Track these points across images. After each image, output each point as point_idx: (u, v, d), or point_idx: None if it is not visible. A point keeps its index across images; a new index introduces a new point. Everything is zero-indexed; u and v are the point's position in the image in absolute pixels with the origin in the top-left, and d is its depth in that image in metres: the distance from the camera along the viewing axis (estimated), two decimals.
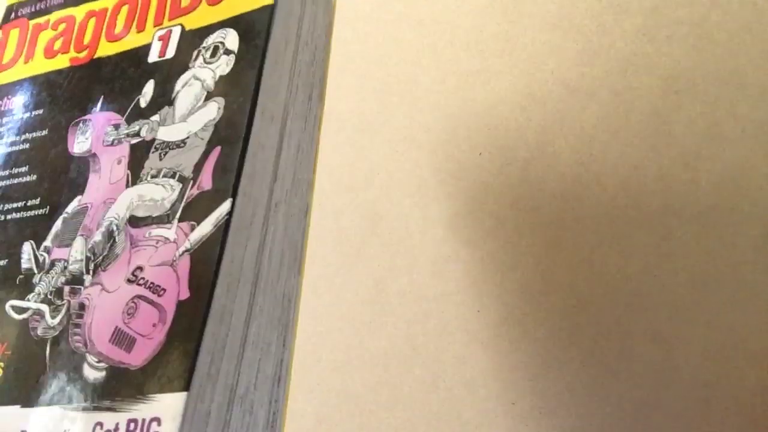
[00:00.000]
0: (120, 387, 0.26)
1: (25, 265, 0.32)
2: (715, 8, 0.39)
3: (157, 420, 0.25)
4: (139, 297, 0.28)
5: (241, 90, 0.30)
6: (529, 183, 0.41)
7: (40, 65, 0.38)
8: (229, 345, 0.26)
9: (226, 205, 0.28)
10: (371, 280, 0.45)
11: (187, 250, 0.28)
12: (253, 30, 0.31)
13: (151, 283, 0.28)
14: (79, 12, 0.38)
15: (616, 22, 0.41)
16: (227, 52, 0.32)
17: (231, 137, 0.29)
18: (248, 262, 0.28)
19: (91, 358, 0.28)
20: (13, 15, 0.41)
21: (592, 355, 0.37)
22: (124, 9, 0.36)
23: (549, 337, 0.38)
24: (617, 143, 0.39)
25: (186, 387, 0.25)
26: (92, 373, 0.27)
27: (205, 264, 0.27)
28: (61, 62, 0.37)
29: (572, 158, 0.40)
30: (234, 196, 0.28)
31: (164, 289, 0.27)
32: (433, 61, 0.47)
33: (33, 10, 0.40)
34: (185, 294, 0.27)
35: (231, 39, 0.32)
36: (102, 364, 0.27)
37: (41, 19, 0.39)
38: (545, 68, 0.43)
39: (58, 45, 0.38)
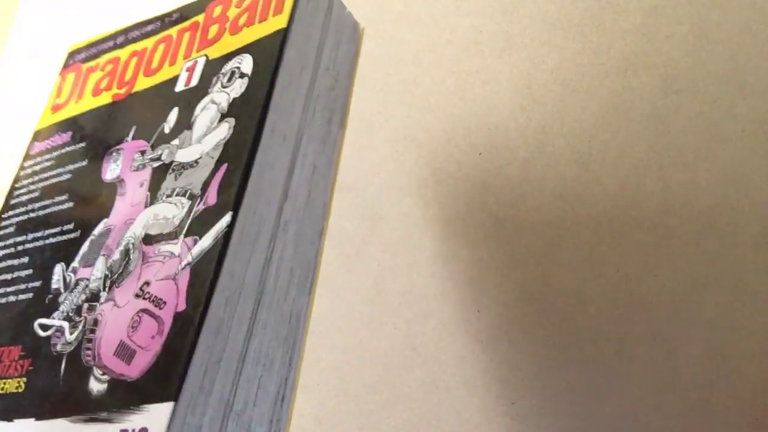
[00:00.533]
0: (117, 398, 0.26)
1: (54, 285, 0.34)
2: (715, 8, 0.39)
3: (145, 430, 0.25)
4: (143, 310, 0.28)
5: (250, 109, 0.31)
6: (529, 183, 0.41)
7: (88, 103, 0.40)
8: (225, 359, 0.26)
9: (226, 219, 0.28)
10: (371, 280, 0.45)
11: (188, 264, 0.28)
12: (266, 52, 0.32)
13: (155, 296, 0.28)
14: (124, 53, 0.41)
15: (616, 22, 0.41)
16: (242, 75, 0.33)
17: (237, 154, 0.30)
18: (251, 277, 0.28)
19: (96, 371, 0.28)
20: (71, 61, 0.44)
21: (592, 355, 0.37)
22: (161, 47, 0.38)
23: (549, 337, 0.38)
24: (617, 143, 0.39)
25: (176, 397, 0.25)
26: (96, 386, 0.28)
27: (203, 276, 0.27)
28: (105, 99, 0.39)
29: (572, 158, 0.40)
30: (236, 210, 0.28)
31: (165, 302, 0.28)
32: (433, 61, 0.47)
33: (87, 55, 0.43)
34: (182, 306, 0.27)
35: (246, 63, 0.33)
36: (105, 377, 0.27)
37: (93, 63, 0.42)
38: (545, 68, 0.43)
39: (104, 84, 0.40)
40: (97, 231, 0.33)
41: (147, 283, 0.29)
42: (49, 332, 0.31)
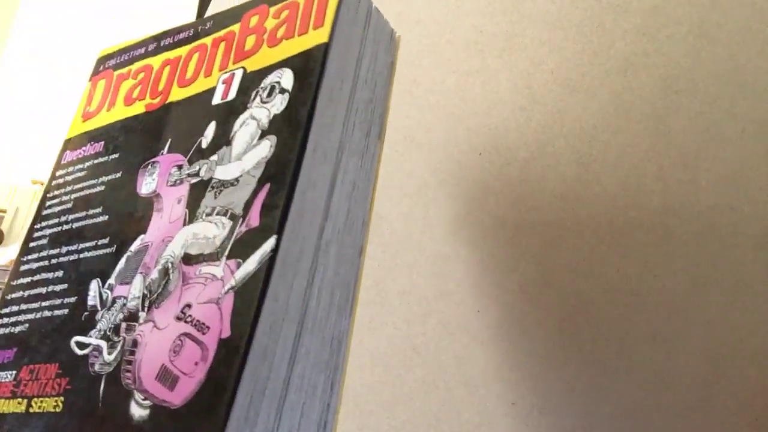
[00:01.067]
0: (160, 426, 0.26)
1: (90, 302, 0.33)
2: (715, 8, 0.39)
3: None
4: (185, 334, 0.28)
5: (292, 127, 0.30)
6: (529, 183, 0.41)
7: (120, 112, 0.40)
8: (270, 387, 0.26)
9: (270, 242, 0.28)
10: (371, 280, 0.45)
11: (231, 288, 0.27)
12: (307, 68, 0.32)
13: (197, 320, 0.28)
14: (156, 61, 0.40)
15: (616, 22, 0.41)
16: (282, 91, 0.32)
17: (280, 174, 0.29)
18: (294, 301, 0.27)
19: (138, 396, 0.28)
20: (102, 67, 0.43)
21: (592, 355, 0.37)
22: (195, 56, 0.38)
23: (549, 337, 0.38)
24: (617, 143, 0.39)
25: (222, 429, 0.24)
26: (138, 411, 0.27)
27: (248, 302, 0.26)
28: (138, 108, 0.39)
29: (572, 158, 0.40)
30: (280, 233, 0.28)
31: (208, 327, 0.27)
32: (433, 61, 0.47)
33: (118, 61, 0.42)
34: (227, 332, 0.26)
35: (286, 78, 0.32)
36: (147, 402, 0.27)
37: (124, 70, 0.41)
38: (545, 68, 0.43)
39: (136, 93, 0.39)
40: (134, 247, 0.33)
41: (188, 306, 0.28)
42: (86, 351, 0.31)
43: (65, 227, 0.37)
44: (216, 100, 0.35)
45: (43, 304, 0.34)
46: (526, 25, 0.44)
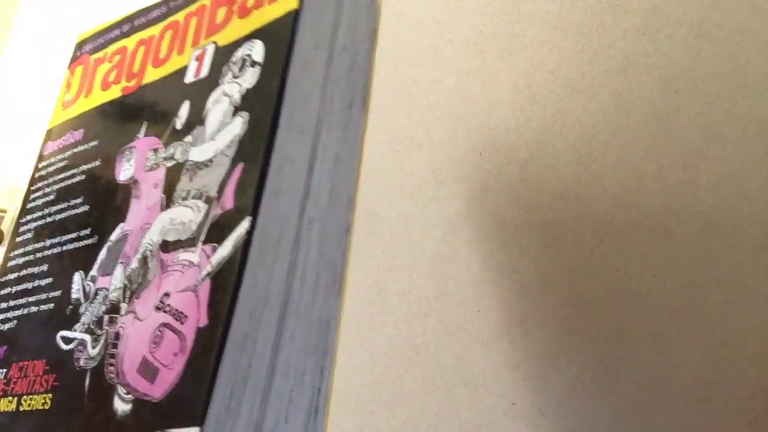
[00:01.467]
0: (142, 420, 0.25)
1: (74, 295, 0.32)
2: (715, 8, 0.39)
3: None
4: (165, 325, 0.27)
5: (264, 102, 0.29)
6: (529, 183, 0.41)
7: (98, 98, 0.39)
8: (252, 376, 0.25)
9: (245, 224, 0.27)
10: (371, 280, 0.45)
11: (208, 274, 0.27)
12: (277, 38, 0.30)
13: (175, 309, 0.27)
14: (131, 42, 0.39)
15: (616, 22, 0.41)
16: (253, 64, 0.31)
17: (253, 152, 0.28)
18: (275, 285, 0.26)
19: (121, 390, 0.27)
20: (79, 53, 0.42)
21: (592, 355, 0.37)
22: (168, 34, 0.37)
23: (549, 337, 0.38)
24: (617, 143, 0.39)
25: (201, 422, 0.24)
26: (121, 406, 0.27)
27: (224, 288, 0.25)
28: (114, 93, 0.38)
29: (572, 158, 0.40)
30: (254, 214, 0.27)
31: (186, 316, 0.26)
32: (433, 61, 0.47)
33: (94, 45, 0.41)
34: (204, 321, 0.26)
35: (257, 50, 0.31)
36: (129, 396, 0.26)
37: (100, 53, 0.40)
38: (545, 68, 0.43)
39: (112, 76, 0.39)
40: (114, 237, 0.32)
41: (167, 295, 0.27)
42: (71, 345, 0.30)
43: (48, 220, 0.36)
44: (189, 78, 0.34)
45: (30, 299, 0.34)
46: (526, 25, 0.44)
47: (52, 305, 0.33)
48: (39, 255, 0.35)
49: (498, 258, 0.41)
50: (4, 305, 0.35)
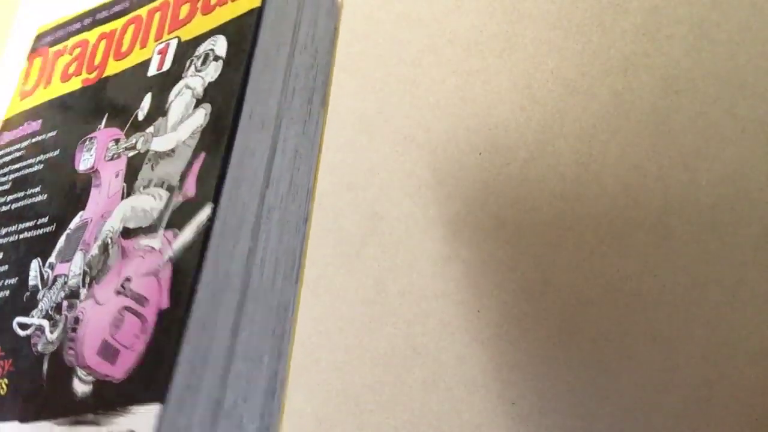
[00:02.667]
0: (103, 400, 0.26)
1: (31, 282, 0.32)
2: (715, 8, 0.39)
3: None
4: (126, 308, 0.27)
5: (226, 95, 0.30)
6: (529, 183, 0.41)
7: (57, 89, 0.39)
8: (213, 356, 0.25)
9: (206, 211, 0.27)
10: (371, 280, 0.45)
11: (170, 259, 0.27)
12: (240, 34, 0.31)
13: (137, 293, 0.27)
14: (92, 35, 0.39)
15: (616, 22, 0.41)
16: (216, 58, 0.32)
17: (215, 143, 0.29)
18: (235, 270, 0.27)
19: (80, 372, 0.27)
20: (38, 44, 0.42)
21: (592, 355, 0.37)
22: (131, 28, 0.37)
23: (549, 337, 0.38)
24: (617, 143, 0.39)
25: (163, 399, 0.24)
26: (80, 387, 0.27)
27: (186, 271, 0.26)
28: (74, 84, 0.38)
29: (572, 158, 0.40)
30: (216, 201, 0.27)
31: (147, 299, 0.27)
32: (433, 61, 0.47)
33: (54, 38, 0.42)
34: (166, 303, 0.26)
35: (220, 45, 0.32)
36: (89, 378, 0.27)
37: (60, 46, 0.41)
38: (545, 68, 0.43)
39: (72, 69, 0.39)
40: (73, 225, 0.32)
41: (128, 279, 0.28)
42: (28, 331, 0.30)
43: (4, 209, 0.36)
44: (152, 71, 0.34)
45: None
46: (526, 25, 0.44)
47: (7, 292, 0.33)
48: None
49: (498, 258, 0.41)
50: None
